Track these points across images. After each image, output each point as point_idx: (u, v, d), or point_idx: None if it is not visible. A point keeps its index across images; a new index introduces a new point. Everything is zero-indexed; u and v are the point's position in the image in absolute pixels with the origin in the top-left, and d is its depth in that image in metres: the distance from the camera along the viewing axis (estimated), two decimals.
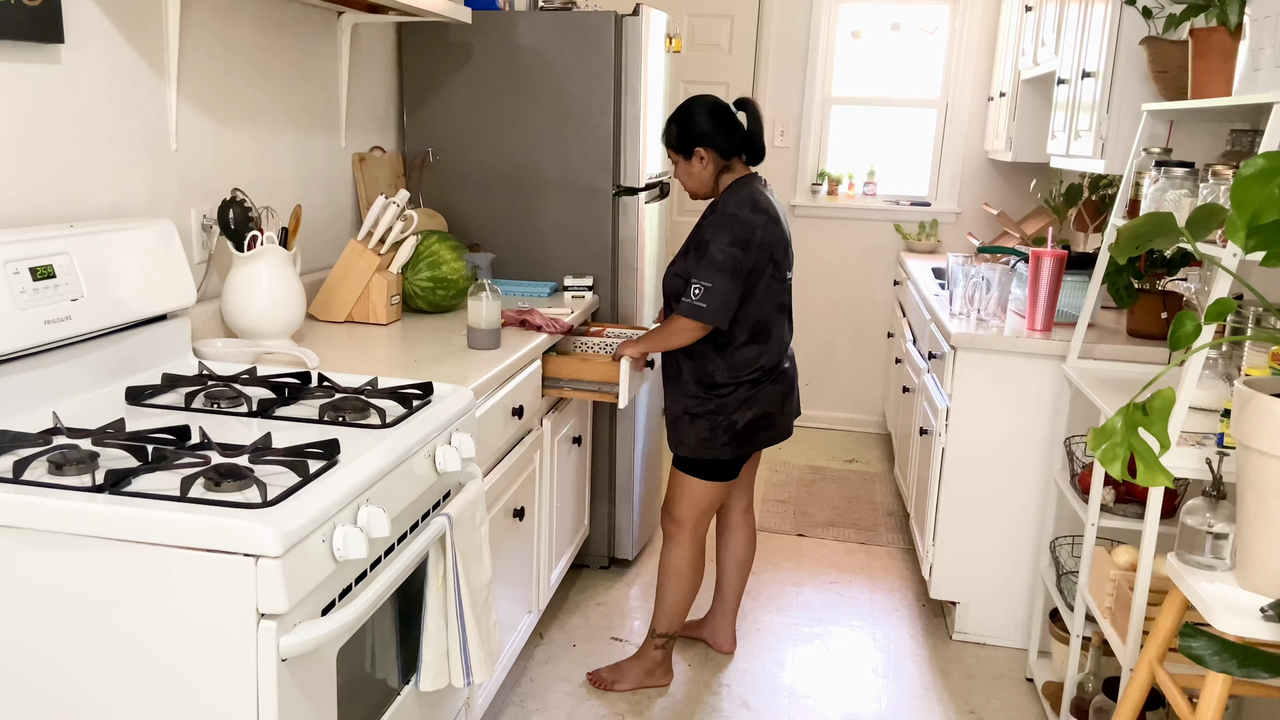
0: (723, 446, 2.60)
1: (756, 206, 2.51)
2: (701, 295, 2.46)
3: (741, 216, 2.48)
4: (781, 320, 2.61)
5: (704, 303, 2.45)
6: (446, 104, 3.23)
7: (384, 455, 1.59)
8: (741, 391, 2.58)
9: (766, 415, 2.62)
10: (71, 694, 1.38)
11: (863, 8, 4.99)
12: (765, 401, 2.61)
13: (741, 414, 2.58)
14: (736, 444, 2.61)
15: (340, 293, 2.63)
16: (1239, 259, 1.79)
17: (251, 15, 2.43)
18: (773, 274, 2.55)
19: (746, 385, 2.58)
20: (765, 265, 2.52)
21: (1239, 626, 1.56)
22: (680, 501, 2.70)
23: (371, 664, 1.64)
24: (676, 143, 2.59)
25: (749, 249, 2.47)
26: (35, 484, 1.39)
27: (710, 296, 2.45)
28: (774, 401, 2.63)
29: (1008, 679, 2.88)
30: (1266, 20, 2.22)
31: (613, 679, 2.75)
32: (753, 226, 2.48)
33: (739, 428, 2.59)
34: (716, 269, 2.45)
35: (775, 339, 2.60)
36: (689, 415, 2.62)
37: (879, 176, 5.09)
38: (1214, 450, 1.95)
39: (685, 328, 2.50)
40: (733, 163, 2.59)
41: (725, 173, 2.59)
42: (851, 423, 5.29)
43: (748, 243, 2.47)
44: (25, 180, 1.80)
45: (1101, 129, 2.91)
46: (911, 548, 3.76)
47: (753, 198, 2.53)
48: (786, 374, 2.66)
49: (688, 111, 2.56)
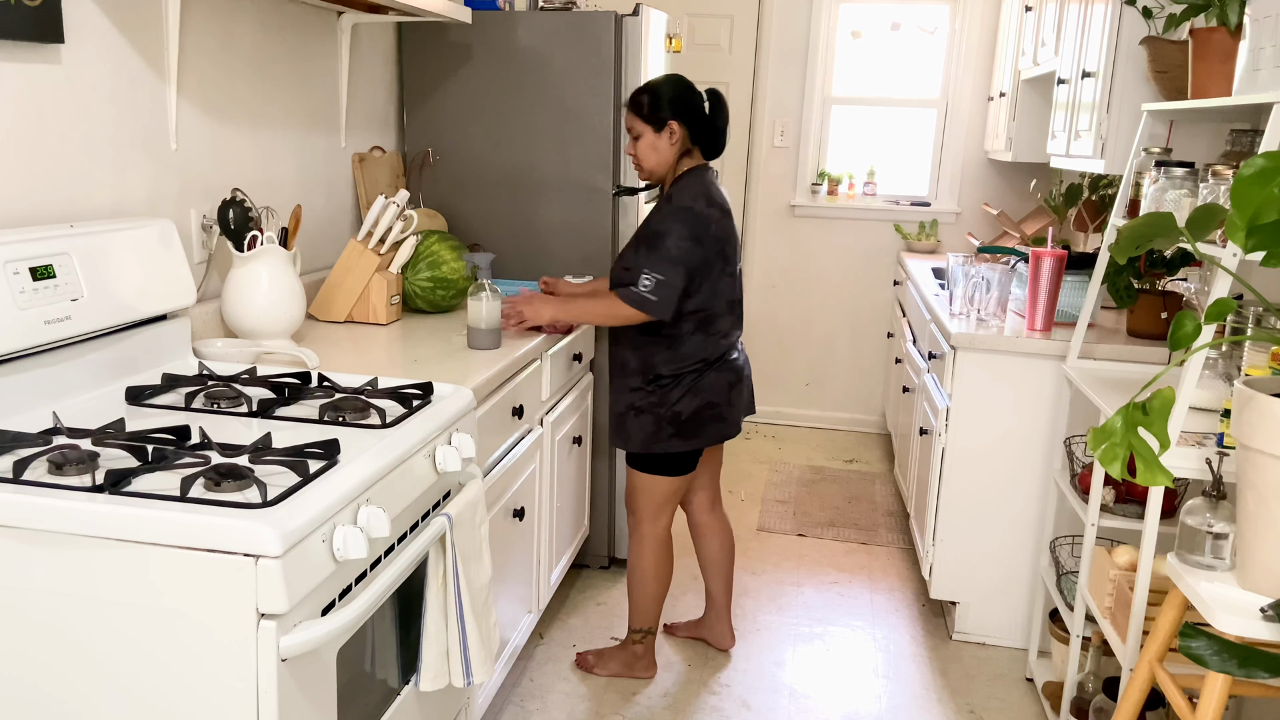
0: (670, 439, 2.57)
1: (711, 200, 2.49)
2: (653, 287, 2.42)
3: (697, 209, 2.45)
4: (729, 314, 2.59)
5: (654, 295, 2.42)
6: (446, 104, 3.23)
7: (384, 455, 1.59)
8: (685, 382, 2.55)
9: (712, 405, 2.58)
10: (71, 694, 1.38)
11: (863, 8, 4.99)
12: (709, 390, 2.57)
13: (685, 404, 2.55)
14: (684, 435, 2.57)
15: (340, 293, 2.63)
16: (1239, 259, 1.79)
17: (251, 15, 2.43)
18: (722, 269, 2.53)
19: (690, 376, 2.55)
20: (716, 260, 2.50)
21: (1239, 626, 1.56)
22: (636, 498, 2.69)
23: (371, 664, 1.64)
24: (648, 111, 2.49)
25: (703, 243, 2.45)
26: (35, 484, 1.39)
27: (660, 289, 2.42)
28: (718, 391, 2.59)
29: (1008, 679, 2.88)
30: (1266, 20, 2.22)
31: (595, 662, 2.80)
32: (708, 221, 2.46)
33: (684, 418, 2.56)
34: (670, 262, 2.42)
35: (720, 333, 2.58)
36: (633, 410, 2.59)
37: (879, 176, 5.09)
38: (1214, 450, 1.95)
39: (624, 314, 2.46)
40: (693, 149, 2.54)
41: (685, 156, 2.53)
42: (851, 423, 5.29)
43: (702, 237, 2.45)
44: (25, 180, 1.80)
45: (1101, 129, 2.91)
46: (911, 548, 3.76)
47: (707, 191, 2.50)
48: (732, 364, 2.62)
49: (668, 82, 2.49)
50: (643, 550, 2.72)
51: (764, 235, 5.17)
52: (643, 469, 2.65)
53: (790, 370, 5.30)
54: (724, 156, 5.04)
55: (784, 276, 5.20)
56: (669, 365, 2.55)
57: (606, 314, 2.49)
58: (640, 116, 2.51)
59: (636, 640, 2.78)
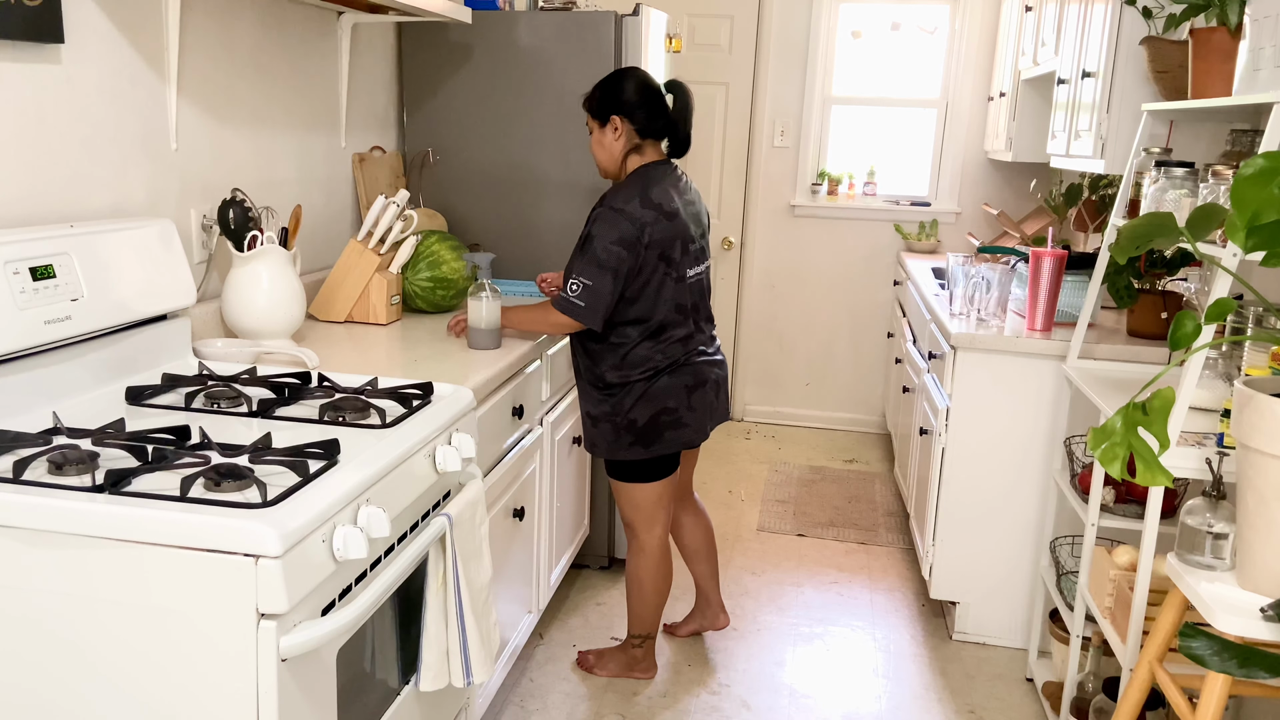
0: (630, 446, 2.51)
1: (648, 201, 2.37)
2: (580, 292, 2.35)
3: (628, 211, 2.35)
4: (684, 320, 2.49)
5: (581, 300, 2.36)
6: (446, 104, 3.23)
7: (384, 455, 1.59)
8: (635, 390, 2.47)
9: (668, 410, 2.49)
10: (71, 694, 1.38)
11: (863, 8, 4.99)
12: (662, 396, 2.48)
13: (639, 411, 2.48)
14: (643, 443, 2.50)
15: (340, 293, 2.63)
16: (1239, 259, 1.79)
17: (251, 15, 2.43)
18: (665, 272, 2.42)
19: (639, 383, 2.47)
20: (655, 264, 2.39)
21: (1239, 626, 1.56)
22: (625, 508, 2.64)
23: (371, 664, 1.64)
24: (596, 107, 2.45)
25: (634, 248, 2.35)
26: (35, 484, 1.39)
27: (588, 294, 2.35)
28: (674, 395, 2.49)
29: (1008, 679, 2.88)
30: (1266, 20, 2.22)
31: (595, 663, 2.80)
32: (641, 224, 2.35)
33: (640, 426, 2.49)
34: (598, 266, 2.34)
35: (674, 340, 2.48)
36: (590, 418, 2.56)
37: (879, 176, 5.09)
38: (1214, 450, 1.95)
39: (557, 321, 2.41)
40: (645, 145, 2.47)
41: (634, 153, 2.46)
42: (851, 423, 5.29)
43: (634, 242, 2.35)
44: (25, 180, 1.80)
45: (1101, 129, 2.91)
46: (911, 548, 3.76)
47: (645, 191, 2.39)
48: (693, 367, 2.52)
49: (616, 77, 2.44)
50: (641, 560, 2.67)
51: (764, 235, 5.17)
52: (620, 478, 2.60)
53: (790, 370, 5.30)
54: (724, 156, 5.04)
55: (784, 277, 5.21)
56: (616, 373, 2.47)
57: (544, 322, 2.43)
58: (589, 112, 2.48)
59: (636, 645, 2.77)
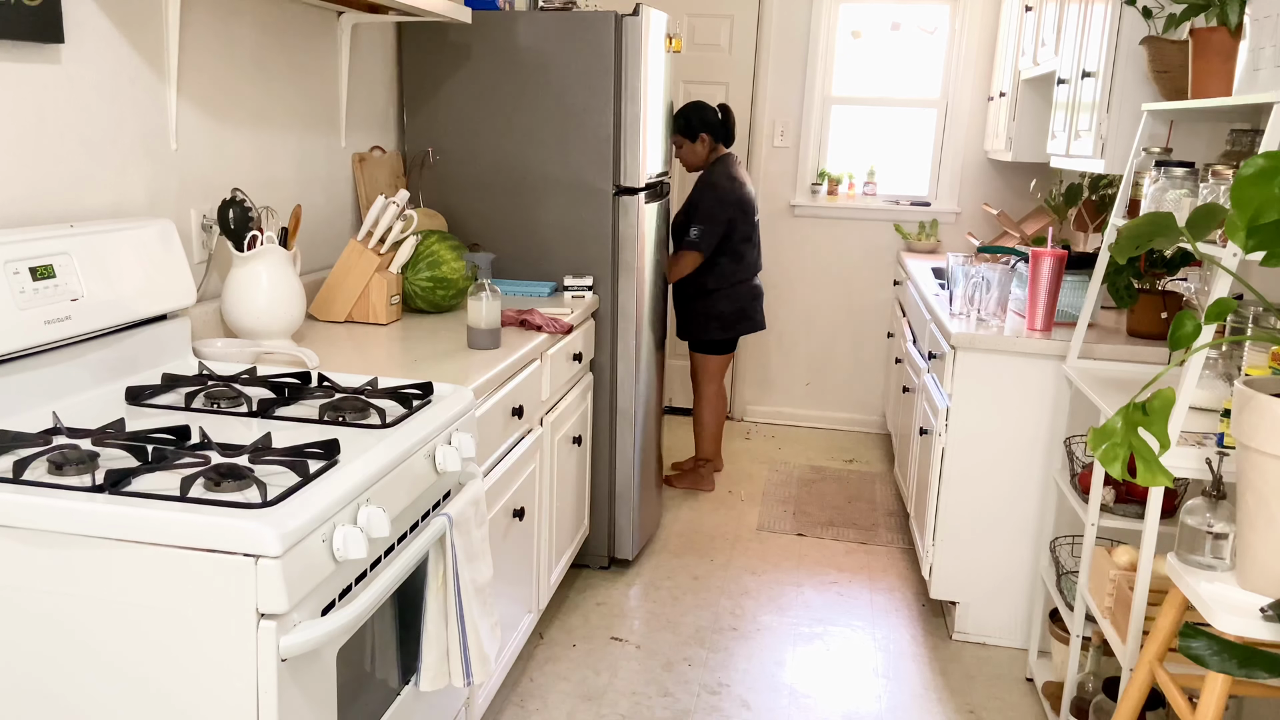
0: (716, 329, 4.07)
1: (732, 178, 3.95)
2: (698, 236, 3.91)
3: (722, 184, 3.93)
4: (750, 248, 4.04)
5: (700, 240, 3.91)
6: (446, 104, 3.23)
7: (384, 455, 1.59)
8: (724, 292, 4.04)
9: (741, 309, 4.07)
10: (71, 694, 1.38)
11: (863, 8, 4.99)
12: (739, 299, 4.06)
13: (724, 306, 4.04)
14: (723, 328, 4.07)
15: (340, 293, 2.63)
16: (1239, 259, 1.79)
17: (251, 15, 2.43)
18: (741, 220, 3.97)
19: (727, 289, 4.04)
20: (737, 215, 3.95)
21: (1239, 626, 1.56)
22: (699, 371, 4.18)
23: (371, 664, 1.64)
24: (686, 129, 3.95)
25: (727, 206, 3.92)
26: (35, 484, 1.39)
27: (704, 237, 3.91)
28: (746, 299, 4.08)
29: (1008, 679, 2.88)
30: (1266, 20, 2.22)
31: (674, 479, 4.26)
32: (731, 191, 3.93)
33: (725, 316, 4.05)
34: (709, 219, 3.90)
35: (746, 261, 4.05)
36: (691, 311, 4.07)
37: (879, 176, 5.09)
38: (1214, 450, 1.95)
39: (688, 256, 3.94)
40: (717, 145, 4.01)
41: (711, 151, 4.01)
42: (851, 423, 5.29)
43: (726, 202, 3.92)
44: (25, 180, 1.80)
45: (1101, 129, 2.91)
46: (911, 548, 3.76)
47: (729, 172, 3.96)
48: (755, 287, 4.11)
49: (697, 107, 3.97)
50: (705, 405, 4.19)
51: (764, 235, 5.16)
52: (700, 351, 4.14)
53: (790, 370, 5.30)
54: None
55: (784, 276, 5.21)
56: (714, 280, 4.01)
57: (682, 262, 3.95)
58: (681, 133, 3.97)
59: (700, 466, 4.23)
